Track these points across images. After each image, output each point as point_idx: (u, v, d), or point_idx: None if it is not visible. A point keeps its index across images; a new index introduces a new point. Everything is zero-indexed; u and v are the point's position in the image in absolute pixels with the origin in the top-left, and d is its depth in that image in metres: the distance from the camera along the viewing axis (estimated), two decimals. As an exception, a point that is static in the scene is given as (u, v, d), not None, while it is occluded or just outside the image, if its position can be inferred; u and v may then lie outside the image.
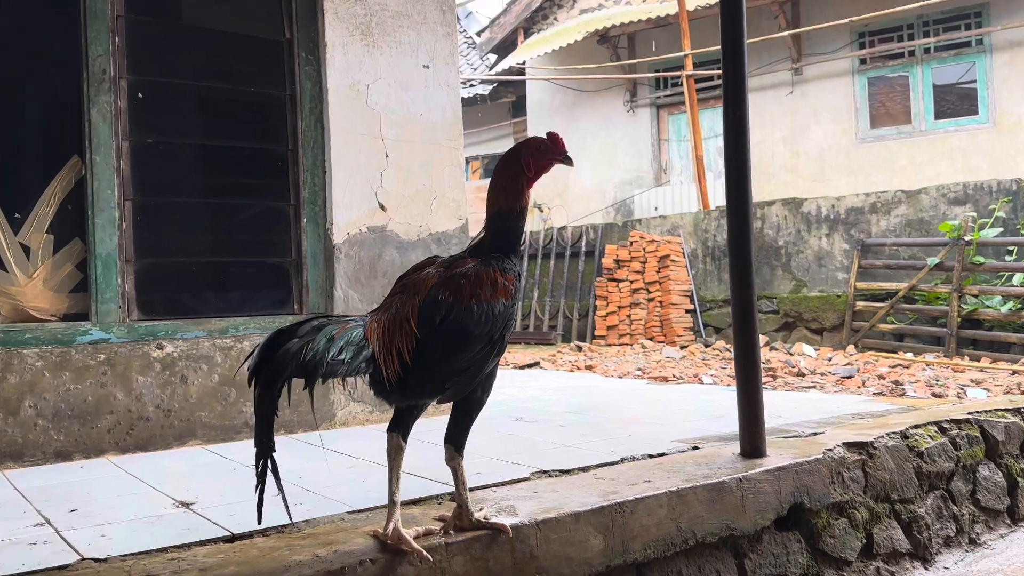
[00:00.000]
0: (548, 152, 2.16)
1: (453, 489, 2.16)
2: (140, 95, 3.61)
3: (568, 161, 2.18)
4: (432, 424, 3.85)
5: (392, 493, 2.05)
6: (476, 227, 2.55)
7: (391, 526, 2.00)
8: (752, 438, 2.85)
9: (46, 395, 3.24)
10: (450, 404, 2.15)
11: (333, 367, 1.85)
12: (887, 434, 3.18)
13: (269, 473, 1.85)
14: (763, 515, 2.65)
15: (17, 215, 3.41)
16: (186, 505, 2.50)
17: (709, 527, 2.52)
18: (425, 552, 1.98)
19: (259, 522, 1.90)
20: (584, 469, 2.77)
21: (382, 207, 4.05)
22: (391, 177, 4.08)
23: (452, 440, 2.11)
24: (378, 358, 1.92)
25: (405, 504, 2.40)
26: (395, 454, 2.06)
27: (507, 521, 2.18)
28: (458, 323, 1.95)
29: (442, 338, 1.94)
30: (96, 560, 2.01)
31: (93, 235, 3.47)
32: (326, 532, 2.18)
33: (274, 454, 1.85)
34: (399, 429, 2.07)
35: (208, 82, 3.82)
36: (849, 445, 3.02)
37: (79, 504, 2.55)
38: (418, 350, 1.94)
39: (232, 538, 2.16)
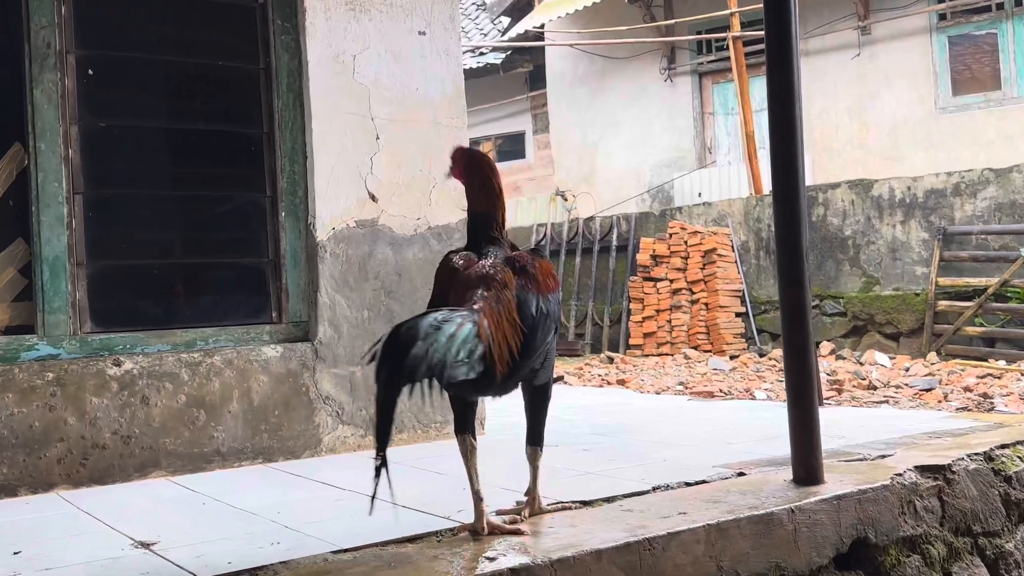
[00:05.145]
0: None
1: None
2: (91, 72, 3.66)
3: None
4: (436, 449, 3.88)
5: (476, 490, 2.41)
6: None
7: (483, 520, 2.42)
8: (806, 461, 2.86)
9: (-13, 420, 3.29)
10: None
11: (455, 370, 2.09)
12: (968, 456, 3.18)
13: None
14: (820, 552, 2.66)
15: (-49, 213, 3.47)
16: (147, 546, 2.53)
17: (756, 566, 2.52)
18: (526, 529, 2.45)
19: (370, 512, 2.10)
20: (609, 500, 2.79)
21: (373, 197, 4.08)
22: (383, 162, 4.12)
23: (535, 440, 2.57)
24: (495, 353, 2.22)
25: (398, 542, 2.42)
26: (470, 454, 2.42)
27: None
28: (548, 312, 2.42)
29: (541, 326, 2.38)
30: (41, 609, 2.04)
31: (38, 235, 3.52)
32: None
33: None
34: (468, 429, 2.43)
35: (170, 56, 3.86)
36: (923, 469, 3.02)
37: (24, 546, 2.59)
38: (523, 341, 2.32)
39: (198, 583, 2.19)
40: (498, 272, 2.40)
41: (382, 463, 2.07)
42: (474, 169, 2.64)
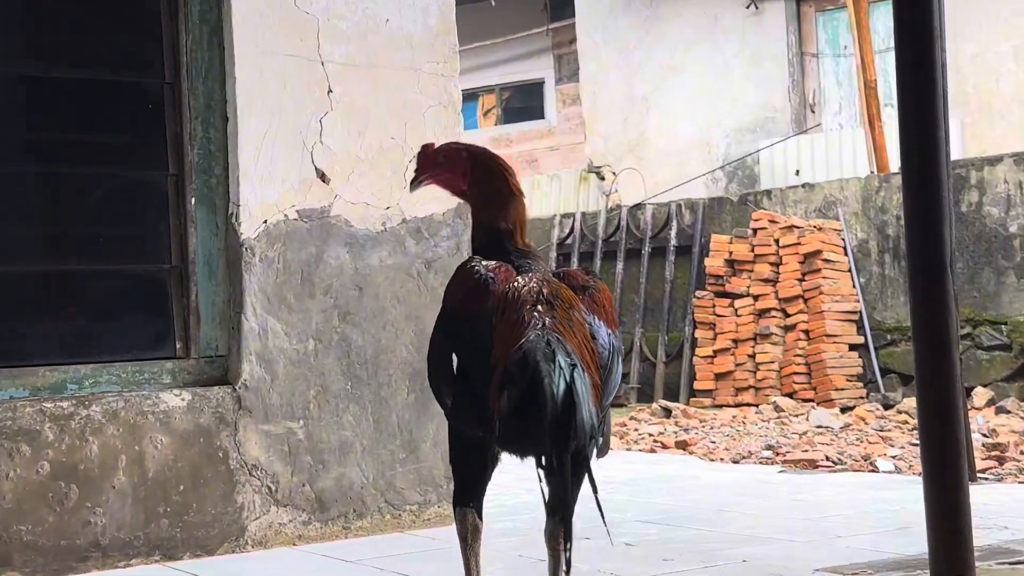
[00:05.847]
0: None
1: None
2: (-83, -5, 3.68)
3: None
4: (413, 542, 3.87)
5: None
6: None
7: None
8: (951, 563, 2.82)
9: None
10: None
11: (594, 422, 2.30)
12: None
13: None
14: None
15: None
16: None
17: None
18: None
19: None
20: (663, 620, 2.78)
21: (323, 177, 4.08)
22: (338, 126, 4.11)
23: (561, 513, 2.47)
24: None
25: None
26: (472, 538, 2.49)
27: None
28: (618, 349, 2.56)
29: (615, 364, 2.52)
30: None
31: None
32: None
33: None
34: (473, 503, 2.50)
35: (31, -28, 3.89)
36: (1122, 576, 3.01)
37: None
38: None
39: None
40: (557, 288, 2.50)
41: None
42: (487, 176, 2.71)
